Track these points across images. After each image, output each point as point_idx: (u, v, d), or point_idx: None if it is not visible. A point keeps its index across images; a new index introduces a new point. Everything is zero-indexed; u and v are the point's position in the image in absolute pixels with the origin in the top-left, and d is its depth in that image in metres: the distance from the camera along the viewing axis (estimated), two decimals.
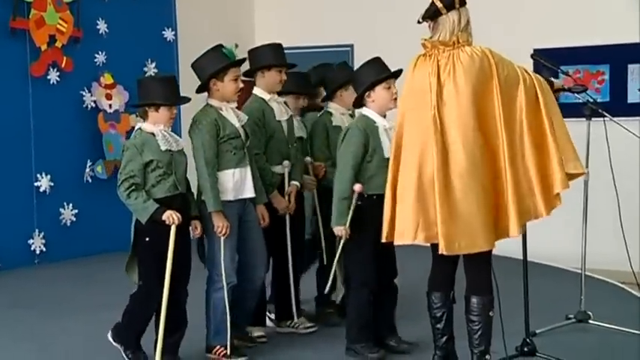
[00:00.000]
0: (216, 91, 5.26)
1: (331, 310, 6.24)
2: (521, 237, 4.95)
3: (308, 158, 6.06)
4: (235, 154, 5.24)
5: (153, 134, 5.00)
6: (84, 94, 9.14)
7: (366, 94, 5.28)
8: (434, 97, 4.35)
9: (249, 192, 5.33)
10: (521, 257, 5.11)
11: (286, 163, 5.78)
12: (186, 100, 5.16)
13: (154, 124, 5.02)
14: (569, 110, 8.80)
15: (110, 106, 9.24)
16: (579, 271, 6.07)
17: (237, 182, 5.26)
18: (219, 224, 5.11)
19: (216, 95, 5.27)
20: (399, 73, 5.29)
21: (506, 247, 6.58)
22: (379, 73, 5.30)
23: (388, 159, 5.03)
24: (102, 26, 9.35)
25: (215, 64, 5.23)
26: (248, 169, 5.32)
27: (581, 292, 5.95)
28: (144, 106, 5.05)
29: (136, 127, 5.14)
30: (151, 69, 9.69)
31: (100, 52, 9.29)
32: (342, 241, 5.24)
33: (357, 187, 5.15)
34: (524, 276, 5.01)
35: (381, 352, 5.35)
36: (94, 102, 9.20)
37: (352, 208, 5.15)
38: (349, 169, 5.17)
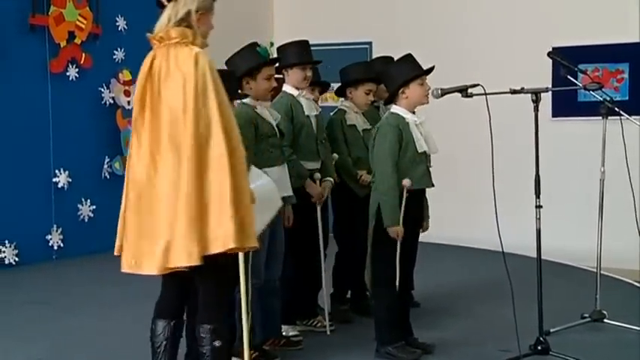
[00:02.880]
0: (249, 90, 5.25)
1: (346, 307, 6.30)
2: (536, 234, 4.99)
3: (335, 155, 6.09)
4: (273, 152, 5.25)
5: None
6: (102, 90, 9.23)
7: (400, 90, 5.29)
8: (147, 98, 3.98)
9: (287, 190, 5.33)
10: (535, 255, 5.13)
11: (317, 175, 5.82)
12: (244, 95, 5.12)
13: None
14: (586, 109, 8.95)
15: (129, 102, 9.33)
16: (594, 270, 6.09)
17: (276, 180, 5.20)
18: None
19: (250, 94, 5.25)
20: (431, 69, 5.32)
21: (521, 245, 6.68)
22: (413, 69, 5.29)
23: (422, 153, 5.14)
24: (121, 23, 9.44)
25: (249, 62, 5.23)
26: (285, 168, 5.35)
27: (596, 291, 5.97)
28: None
29: None
30: None
31: (119, 49, 9.38)
32: (398, 241, 5.17)
33: (406, 182, 5.14)
34: (538, 274, 5.04)
35: (417, 352, 5.30)
36: (113, 98, 9.30)
37: (403, 204, 5.16)
38: (391, 165, 5.15)
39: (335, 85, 6.42)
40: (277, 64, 5.60)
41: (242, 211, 3.87)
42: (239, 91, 5.14)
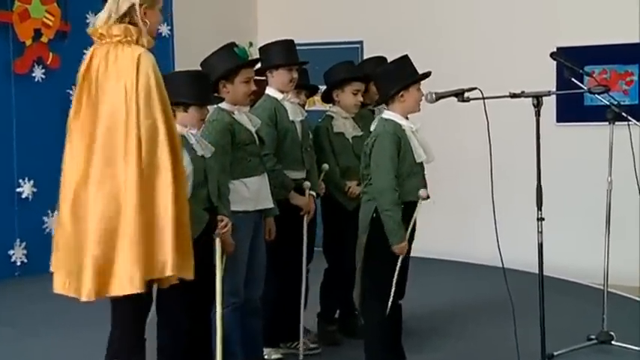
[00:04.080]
0: (226, 94, 5.22)
1: (333, 328, 6.29)
2: (538, 249, 4.99)
3: (325, 165, 6.11)
4: (251, 161, 5.24)
5: (184, 137, 4.75)
6: (71, 93, 9.18)
7: (400, 94, 5.31)
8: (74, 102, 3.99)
9: (267, 202, 5.34)
10: (537, 271, 5.14)
11: (307, 184, 5.82)
12: (219, 99, 5.10)
13: (183, 126, 4.80)
14: (591, 113, 8.98)
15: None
16: (601, 288, 6.10)
17: (256, 191, 5.26)
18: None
19: (227, 98, 5.23)
20: (429, 74, 5.33)
21: (522, 260, 6.69)
22: (414, 71, 5.33)
23: (419, 164, 5.16)
24: (92, 20, 9.41)
25: (225, 64, 5.21)
26: (265, 177, 5.34)
27: (603, 311, 5.99)
28: (171, 104, 4.73)
29: None
30: None
31: (89, 48, 9.34)
32: (401, 259, 5.22)
33: (423, 192, 5.17)
34: (540, 291, 5.03)
35: None
36: None
37: (415, 216, 5.20)
38: (392, 179, 5.17)
39: (323, 88, 6.42)
40: (257, 66, 5.59)
41: (182, 237, 3.85)
42: (215, 95, 5.13)
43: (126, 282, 3.75)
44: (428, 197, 5.18)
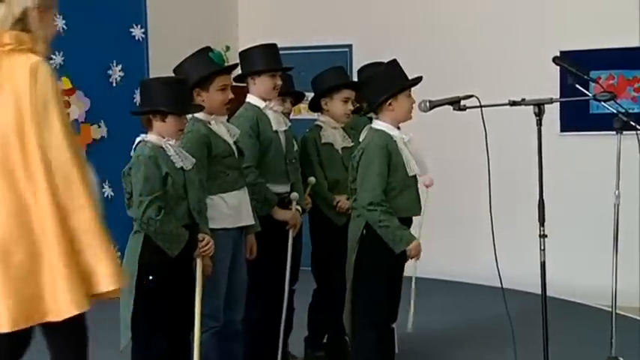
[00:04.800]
0: (201, 103, 5.16)
1: (321, 354, 6.28)
2: (540, 268, 4.98)
3: (312, 178, 6.09)
4: (229, 175, 5.21)
5: (161, 148, 4.79)
6: None
7: (388, 102, 5.31)
8: None
9: (248, 219, 5.32)
10: (539, 292, 5.13)
11: (294, 195, 5.81)
12: (199, 107, 5.06)
13: (161, 136, 4.82)
14: (597, 122, 8.99)
15: (68, 115, 9.26)
16: (609, 309, 6.09)
17: (235, 207, 5.23)
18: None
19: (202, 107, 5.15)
20: (419, 79, 5.33)
21: (523, 280, 6.69)
22: (403, 78, 5.31)
23: (412, 177, 5.17)
24: (59, 23, 9.39)
25: (200, 70, 5.16)
26: (245, 192, 5.32)
27: (611, 334, 5.97)
28: (147, 113, 4.84)
29: (137, 140, 4.89)
30: (116, 72, 9.70)
31: (56, 53, 9.32)
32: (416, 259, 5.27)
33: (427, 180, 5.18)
34: (543, 314, 5.02)
35: None
36: None
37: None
38: (380, 195, 5.15)
39: (310, 95, 6.41)
40: (234, 72, 5.53)
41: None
42: (192, 104, 5.08)
43: (65, 305, 3.69)
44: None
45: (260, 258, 5.50)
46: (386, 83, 5.30)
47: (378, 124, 5.33)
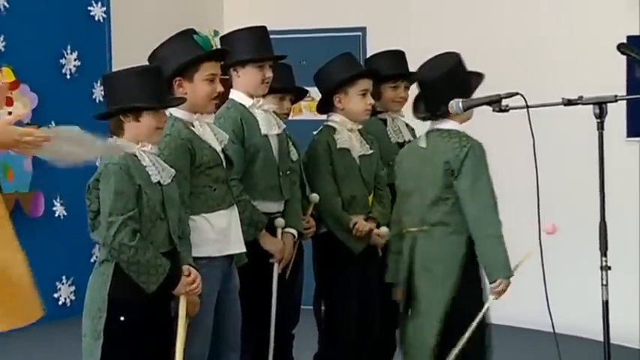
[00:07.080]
0: (182, 95, 5.14)
1: None
2: (602, 308, 4.98)
3: (315, 195, 6.07)
4: (216, 189, 5.20)
5: (135, 157, 4.78)
6: None
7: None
8: None
9: (239, 244, 5.31)
10: (601, 338, 5.13)
11: (279, 222, 5.83)
12: (182, 100, 5.04)
13: (135, 141, 4.81)
14: None
15: (10, 113, 9.30)
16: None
17: (223, 230, 5.22)
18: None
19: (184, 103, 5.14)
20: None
21: (580, 323, 6.68)
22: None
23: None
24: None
25: (181, 56, 5.15)
26: (235, 211, 5.31)
27: None
28: (117, 113, 4.82)
29: None
30: (71, 60, 9.74)
31: None
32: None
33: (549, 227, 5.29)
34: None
35: None
36: None
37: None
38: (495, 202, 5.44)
39: (312, 91, 6.42)
40: (223, 60, 5.50)
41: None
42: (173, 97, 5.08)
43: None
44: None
45: (242, 295, 5.46)
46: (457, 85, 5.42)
47: (450, 125, 5.46)
